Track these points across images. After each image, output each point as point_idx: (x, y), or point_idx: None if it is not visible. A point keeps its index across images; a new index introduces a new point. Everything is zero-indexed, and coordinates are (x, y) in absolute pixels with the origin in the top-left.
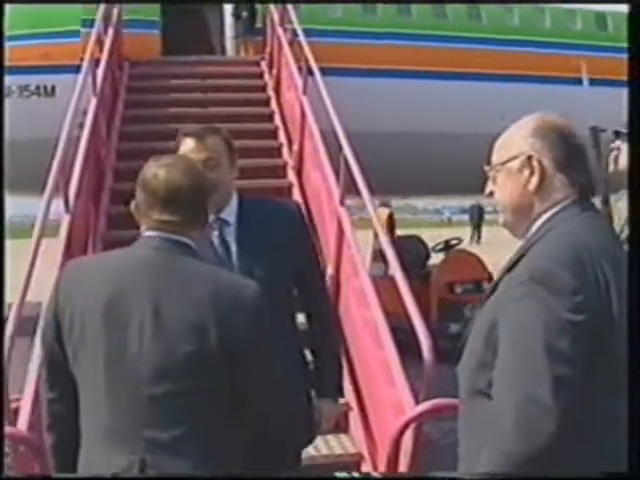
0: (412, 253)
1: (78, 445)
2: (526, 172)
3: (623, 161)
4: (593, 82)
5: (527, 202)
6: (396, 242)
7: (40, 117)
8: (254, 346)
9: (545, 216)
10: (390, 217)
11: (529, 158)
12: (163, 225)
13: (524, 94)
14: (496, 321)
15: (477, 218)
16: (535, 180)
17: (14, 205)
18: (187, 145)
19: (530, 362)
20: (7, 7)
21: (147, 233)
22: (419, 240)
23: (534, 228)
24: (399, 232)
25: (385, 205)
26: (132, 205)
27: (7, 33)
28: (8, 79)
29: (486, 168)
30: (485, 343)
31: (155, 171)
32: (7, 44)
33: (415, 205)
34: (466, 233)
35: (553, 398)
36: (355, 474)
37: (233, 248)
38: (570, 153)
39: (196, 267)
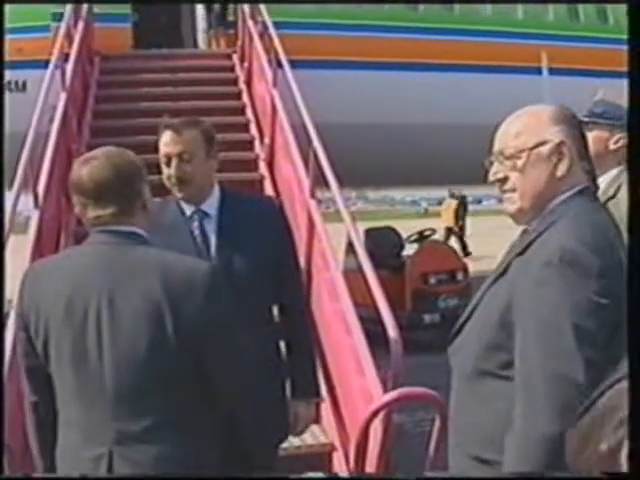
0: (386, 244)
1: None
2: (554, 158)
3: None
4: (554, 72)
5: (551, 188)
6: (369, 233)
7: (12, 112)
8: (213, 329)
9: (561, 197)
10: (459, 207)
11: (559, 145)
12: (101, 220)
13: (492, 85)
14: (511, 303)
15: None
16: (564, 167)
17: None
18: (164, 138)
19: (560, 342)
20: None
21: (91, 230)
22: (393, 231)
23: (548, 209)
24: (376, 224)
25: (453, 196)
26: (75, 209)
27: None
28: None
29: (500, 151)
30: (499, 325)
31: (78, 172)
32: None
33: (393, 197)
34: (442, 224)
35: (585, 378)
36: (343, 474)
37: (212, 240)
38: (585, 143)
39: (144, 255)
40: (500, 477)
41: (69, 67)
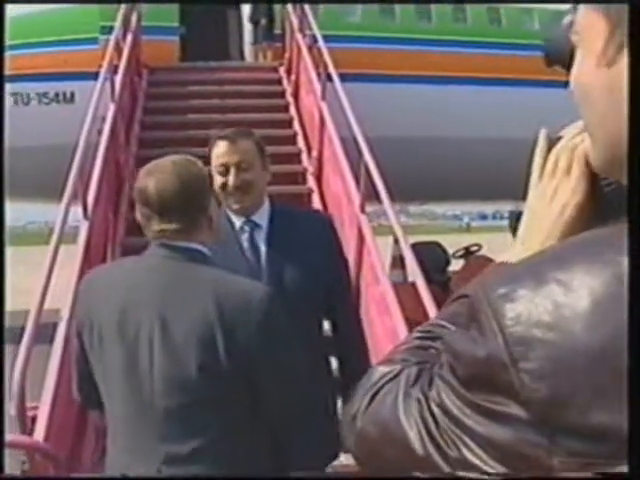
0: (432, 259)
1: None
2: None
3: None
4: None
5: None
6: (415, 248)
7: (60, 124)
8: (266, 354)
9: None
10: None
11: None
12: (164, 234)
13: (554, 101)
14: None
15: (517, 225)
16: None
17: (33, 212)
18: (220, 148)
19: None
20: (15, 12)
21: (153, 242)
22: (439, 246)
23: None
24: (417, 239)
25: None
26: (137, 216)
27: (25, 40)
28: (27, 86)
29: None
30: None
31: (144, 182)
32: (26, 51)
33: (434, 211)
34: (484, 239)
35: None
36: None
37: (263, 251)
38: None
39: (200, 274)
40: (500, 477)
41: (118, 79)
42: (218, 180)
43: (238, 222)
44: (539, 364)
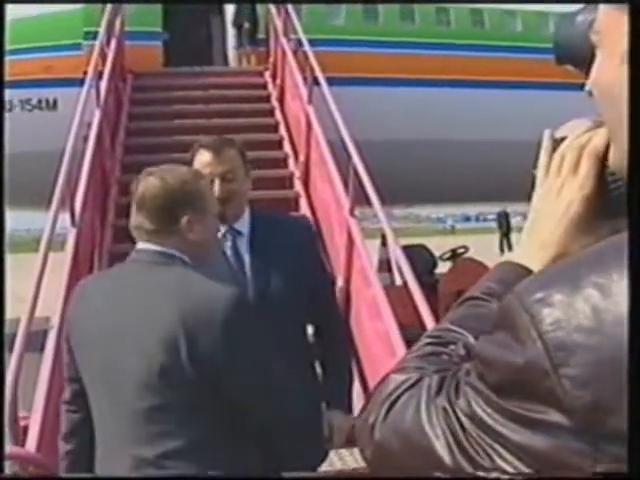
0: (419, 262)
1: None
2: None
3: None
4: None
5: None
6: (403, 251)
7: (43, 130)
8: (233, 360)
9: None
10: None
11: None
12: (139, 231)
13: (527, 102)
14: None
15: (506, 225)
16: None
17: (17, 219)
18: (203, 158)
19: None
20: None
21: (136, 246)
22: (425, 249)
23: None
24: (403, 241)
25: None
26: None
27: (9, 47)
28: (9, 93)
29: None
30: None
31: (137, 184)
32: (9, 58)
33: (418, 213)
34: (469, 241)
35: None
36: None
37: (246, 259)
38: None
39: (168, 277)
40: (499, 477)
41: (103, 85)
42: None
43: (220, 230)
44: (581, 370)
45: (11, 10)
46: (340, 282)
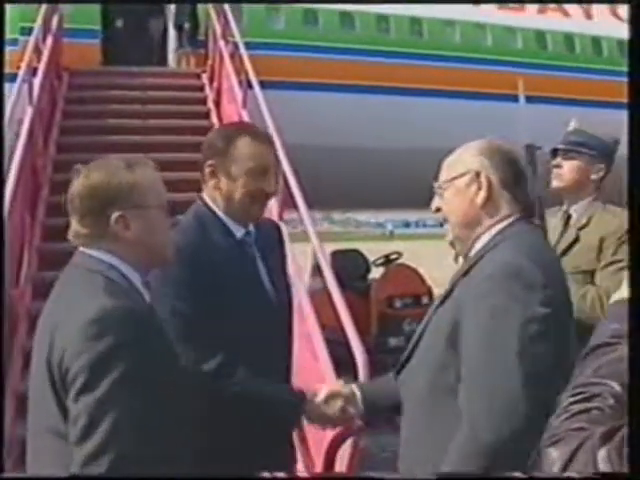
0: (351, 267)
1: None
2: (474, 187)
3: (567, 178)
4: (530, 100)
5: (475, 216)
6: (336, 256)
7: None
8: (83, 380)
9: (496, 228)
10: None
11: (477, 174)
12: (76, 239)
13: (464, 110)
14: (457, 322)
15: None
16: (483, 194)
17: None
18: (254, 148)
19: (501, 355)
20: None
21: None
22: (359, 253)
23: (485, 239)
24: (341, 245)
25: None
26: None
27: None
28: None
29: (435, 185)
30: (446, 344)
31: (73, 182)
32: None
33: (358, 218)
34: (406, 247)
35: (524, 391)
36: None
37: (260, 262)
38: (515, 174)
39: (76, 288)
40: (499, 477)
41: (37, 82)
42: (247, 185)
43: (239, 233)
44: None
45: None
46: None
